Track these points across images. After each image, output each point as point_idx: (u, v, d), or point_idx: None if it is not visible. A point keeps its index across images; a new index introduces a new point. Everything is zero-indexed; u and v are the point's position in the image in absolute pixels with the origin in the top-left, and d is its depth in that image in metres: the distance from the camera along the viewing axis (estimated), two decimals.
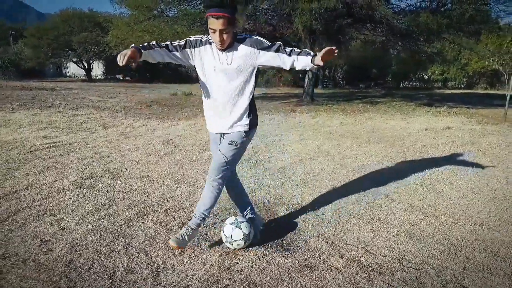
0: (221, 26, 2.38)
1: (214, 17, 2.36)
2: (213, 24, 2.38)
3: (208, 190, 2.79)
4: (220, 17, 2.35)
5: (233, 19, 2.44)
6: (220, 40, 2.44)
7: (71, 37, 33.41)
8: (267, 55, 2.57)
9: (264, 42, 2.59)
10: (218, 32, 2.40)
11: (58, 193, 3.93)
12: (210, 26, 2.41)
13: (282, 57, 2.57)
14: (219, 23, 2.37)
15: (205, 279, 2.43)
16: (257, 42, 2.57)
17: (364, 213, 3.63)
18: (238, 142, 2.72)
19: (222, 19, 2.36)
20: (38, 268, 2.47)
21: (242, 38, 2.60)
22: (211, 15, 2.37)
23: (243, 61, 2.58)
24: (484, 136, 7.99)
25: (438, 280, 2.49)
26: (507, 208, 3.84)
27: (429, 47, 17.97)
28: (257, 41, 2.59)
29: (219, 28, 2.39)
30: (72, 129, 7.66)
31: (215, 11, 2.35)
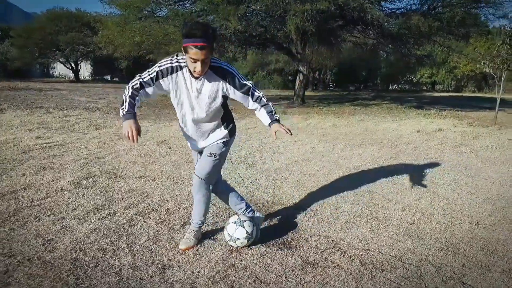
0: (203, 56, 2.25)
1: (197, 47, 2.21)
2: (195, 54, 2.24)
3: (198, 201, 2.87)
4: (204, 47, 2.22)
5: (213, 48, 2.33)
6: (202, 70, 2.33)
7: (58, 37, 33.00)
8: (236, 93, 2.53)
9: (237, 77, 2.49)
10: (199, 63, 2.28)
11: (56, 193, 3.91)
12: (192, 56, 2.26)
13: (248, 100, 2.57)
14: (202, 54, 2.24)
15: (211, 276, 2.46)
16: (230, 77, 2.49)
17: (362, 213, 3.69)
18: (217, 154, 2.75)
19: (205, 50, 2.23)
20: (44, 266, 2.47)
21: (216, 66, 2.46)
22: (193, 45, 2.21)
23: (214, 90, 2.50)
24: (476, 138, 8.14)
25: (438, 276, 2.55)
26: (502, 208, 3.93)
27: (418, 49, 18.20)
28: (230, 74, 2.49)
29: (201, 58, 2.26)
30: (65, 130, 7.61)
31: (197, 41, 2.21)
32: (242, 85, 2.50)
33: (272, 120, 2.52)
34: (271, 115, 2.54)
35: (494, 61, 9.99)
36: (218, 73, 2.46)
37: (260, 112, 2.59)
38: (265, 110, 2.56)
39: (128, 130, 2.31)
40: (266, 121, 2.56)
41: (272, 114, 2.55)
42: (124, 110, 2.43)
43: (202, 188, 2.80)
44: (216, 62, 2.47)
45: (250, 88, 2.52)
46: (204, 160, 2.75)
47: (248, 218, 2.93)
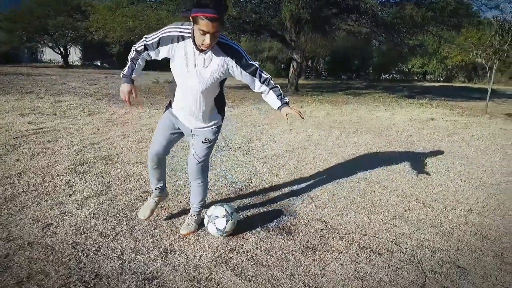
0: (214, 29, 2.11)
1: (208, 18, 2.06)
2: (206, 26, 2.09)
3: (196, 186, 2.86)
4: (215, 19, 2.07)
5: (223, 20, 2.20)
6: (211, 43, 2.19)
7: (47, 21, 32.37)
8: (242, 73, 2.42)
9: (244, 57, 2.39)
10: (209, 36, 2.13)
11: (52, 178, 3.88)
12: (201, 28, 2.11)
13: (254, 81, 2.48)
14: (212, 26, 2.09)
15: (213, 259, 2.48)
16: (237, 55, 2.37)
17: (359, 199, 3.73)
18: (212, 139, 2.74)
19: (216, 22, 2.09)
20: (46, 250, 2.46)
21: (223, 42, 2.34)
22: (204, 15, 2.06)
23: (218, 67, 2.38)
24: (467, 127, 8.23)
25: (434, 260, 2.62)
26: (494, 194, 4.02)
27: (411, 39, 18.25)
28: (238, 53, 2.37)
29: (212, 31, 2.12)
30: (57, 115, 7.51)
31: (209, 11, 2.05)
32: (249, 65, 2.40)
33: (282, 104, 2.47)
34: (281, 98, 2.49)
35: (486, 51, 10.05)
36: (226, 50, 2.34)
37: (268, 95, 2.52)
38: (274, 93, 2.50)
39: (122, 94, 2.51)
40: (275, 104, 2.51)
41: (282, 97, 2.49)
42: (123, 73, 2.54)
43: (199, 173, 2.79)
44: (223, 38, 2.34)
45: (257, 69, 2.43)
46: (200, 146, 2.72)
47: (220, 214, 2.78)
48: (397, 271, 2.47)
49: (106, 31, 17.01)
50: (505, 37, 9.78)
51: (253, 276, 2.34)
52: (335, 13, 16.41)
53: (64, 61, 36.27)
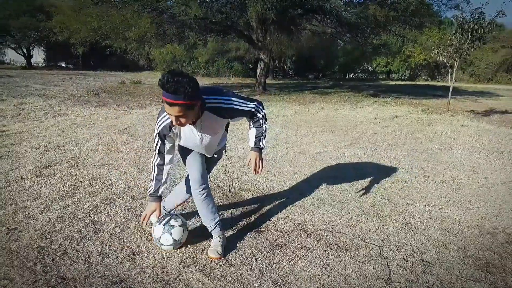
0: (176, 113, 2.05)
1: (168, 103, 2.01)
2: (168, 109, 2.06)
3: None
4: (174, 104, 2.00)
5: (191, 104, 2.07)
6: (177, 124, 2.14)
7: (9, 21, 31.29)
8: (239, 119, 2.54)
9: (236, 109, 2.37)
10: (173, 118, 2.10)
11: (16, 182, 3.79)
12: (166, 110, 2.10)
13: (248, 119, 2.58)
14: (173, 110, 2.04)
15: (182, 260, 2.50)
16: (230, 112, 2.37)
17: (326, 196, 3.82)
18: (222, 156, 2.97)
19: (176, 106, 2.01)
20: (10, 255, 2.42)
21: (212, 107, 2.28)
22: (164, 99, 2.02)
23: (216, 127, 2.46)
24: (430, 124, 8.51)
25: (399, 255, 2.71)
26: (456, 189, 4.18)
27: (375, 39, 18.64)
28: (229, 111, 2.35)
29: (174, 115, 2.07)
30: (20, 118, 7.31)
31: (168, 96, 1.98)
32: (244, 112, 2.43)
33: (254, 146, 2.55)
34: (258, 140, 2.55)
35: (447, 50, 10.40)
36: (216, 112, 2.31)
37: (250, 131, 2.59)
38: (254, 132, 2.56)
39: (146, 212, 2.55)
40: (250, 143, 2.59)
41: (259, 139, 2.54)
42: (151, 191, 2.53)
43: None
44: (212, 101, 2.28)
45: (252, 114, 2.49)
46: (213, 164, 2.93)
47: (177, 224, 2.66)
48: (364, 266, 2.55)
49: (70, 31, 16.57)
50: (465, 36, 10.14)
51: (222, 275, 2.37)
52: (300, 13, 16.58)
53: (27, 62, 35.11)
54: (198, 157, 2.64)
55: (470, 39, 10.07)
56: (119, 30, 14.87)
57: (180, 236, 2.61)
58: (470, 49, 10.28)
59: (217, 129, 2.50)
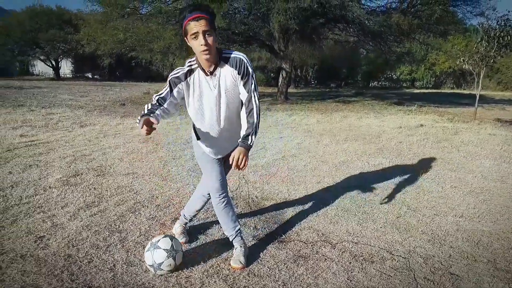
0: (204, 27, 2.09)
1: (194, 19, 2.09)
2: (194, 27, 2.09)
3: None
4: (200, 18, 2.09)
5: (213, 22, 2.16)
6: (205, 43, 2.12)
7: (39, 34, 32.41)
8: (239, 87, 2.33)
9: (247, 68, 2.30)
10: (201, 35, 2.11)
11: (44, 190, 3.89)
12: (191, 32, 2.11)
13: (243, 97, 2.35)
14: (200, 24, 2.09)
15: (205, 270, 2.50)
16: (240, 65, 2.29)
17: (350, 207, 3.77)
18: None
19: (203, 20, 2.09)
20: (38, 263, 2.47)
21: (228, 56, 2.30)
22: (189, 19, 2.10)
23: (231, 81, 2.31)
24: (457, 133, 8.34)
25: (426, 267, 2.64)
26: (484, 200, 4.06)
27: (398, 47, 18.46)
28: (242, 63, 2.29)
29: (201, 30, 2.09)
30: (49, 128, 7.52)
31: (193, 13, 2.09)
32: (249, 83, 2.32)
33: (242, 142, 2.29)
34: (247, 135, 2.30)
35: (473, 58, 10.22)
36: (231, 62, 2.28)
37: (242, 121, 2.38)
38: (245, 125, 2.33)
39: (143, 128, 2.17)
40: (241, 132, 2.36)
41: (249, 134, 2.30)
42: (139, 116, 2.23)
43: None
44: (229, 52, 2.31)
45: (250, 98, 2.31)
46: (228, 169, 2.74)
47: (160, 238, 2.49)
48: (390, 279, 2.49)
49: (97, 43, 17.03)
50: (491, 44, 9.95)
51: (245, 286, 2.36)
52: (323, 23, 16.59)
53: (56, 73, 36.23)
54: (216, 165, 2.59)
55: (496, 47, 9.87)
56: (145, 42, 15.20)
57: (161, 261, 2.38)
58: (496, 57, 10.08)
59: (232, 86, 2.33)
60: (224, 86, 2.31)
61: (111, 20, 14.90)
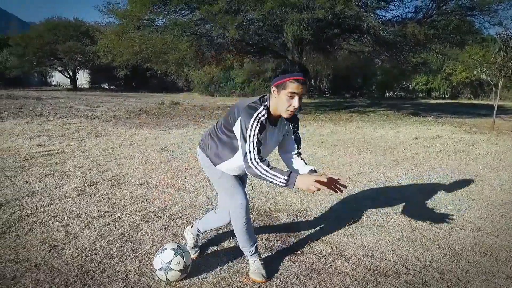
0: (303, 92, 2.19)
1: (300, 81, 2.15)
2: (297, 88, 2.16)
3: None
4: (305, 82, 2.18)
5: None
6: (299, 106, 2.23)
7: (57, 46, 33.17)
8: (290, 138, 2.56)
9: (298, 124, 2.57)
10: (297, 98, 2.19)
11: (60, 200, 3.93)
12: (292, 91, 2.16)
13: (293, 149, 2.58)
14: (303, 88, 2.17)
15: (217, 282, 2.48)
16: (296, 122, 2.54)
17: (365, 219, 3.72)
18: None
19: (306, 85, 2.19)
20: (52, 272, 2.49)
21: None
22: (296, 79, 2.15)
23: (280, 134, 2.49)
24: (474, 144, 8.21)
25: (443, 282, 2.58)
26: (503, 214, 3.97)
27: (414, 57, 18.34)
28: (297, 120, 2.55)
29: (301, 93, 2.19)
30: (65, 138, 7.62)
31: (301, 75, 2.16)
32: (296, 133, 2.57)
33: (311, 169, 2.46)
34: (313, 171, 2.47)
35: (491, 68, 10.09)
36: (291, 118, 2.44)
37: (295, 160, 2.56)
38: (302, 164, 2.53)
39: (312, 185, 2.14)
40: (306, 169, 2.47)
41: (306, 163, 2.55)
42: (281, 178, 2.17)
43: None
44: None
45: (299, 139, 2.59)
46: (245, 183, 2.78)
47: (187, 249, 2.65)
48: None
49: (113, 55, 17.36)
50: (510, 54, 9.82)
51: None
52: (337, 33, 16.60)
53: (73, 84, 36.94)
54: (238, 182, 2.58)
55: None
56: (160, 53, 15.44)
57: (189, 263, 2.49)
58: None
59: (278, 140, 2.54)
60: (277, 135, 2.47)
61: (127, 32, 15.18)
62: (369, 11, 13.78)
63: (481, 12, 14.28)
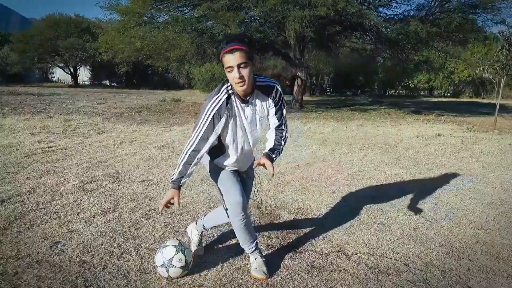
0: (238, 60, 2.10)
1: (230, 52, 2.10)
2: (231, 61, 2.11)
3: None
4: (235, 50, 2.10)
5: (250, 54, 2.15)
6: (240, 76, 2.12)
7: (58, 42, 33.17)
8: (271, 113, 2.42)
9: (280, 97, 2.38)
10: (235, 69, 2.11)
11: (61, 196, 3.93)
12: (227, 65, 2.13)
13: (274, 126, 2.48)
14: (235, 58, 2.10)
15: (218, 279, 2.48)
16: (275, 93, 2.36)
17: (366, 217, 3.71)
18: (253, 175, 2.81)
19: (237, 52, 2.10)
20: (53, 269, 2.49)
21: (262, 84, 2.33)
22: (226, 52, 2.12)
23: (264, 110, 2.38)
24: (476, 143, 8.20)
25: (444, 281, 2.58)
26: (505, 212, 3.96)
27: (416, 55, 18.30)
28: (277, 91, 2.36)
29: (236, 63, 2.10)
30: (66, 134, 7.63)
31: (229, 46, 2.11)
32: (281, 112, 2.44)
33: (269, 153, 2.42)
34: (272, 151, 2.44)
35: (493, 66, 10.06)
36: (266, 91, 2.33)
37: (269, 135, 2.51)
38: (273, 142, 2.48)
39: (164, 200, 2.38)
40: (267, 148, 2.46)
41: (274, 152, 2.44)
42: (173, 178, 2.40)
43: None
44: (263, 80, 2.34)
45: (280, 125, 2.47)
46: (249, 183, 2.75)
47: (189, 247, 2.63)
48: None
49: (114, 51, 17.35)
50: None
51: None
52: (339, 30, 16.56)
53: (74, 80, 36.97)
54: (235, 179, 2.53)
55: None
56: (161, 50, 15.41)
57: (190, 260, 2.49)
58: None
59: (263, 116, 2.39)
60: (259, 113, 2.37)
61: (128, 29, 15.15)
62: (371, 9, 13.78)
63: (484, 10, 14.23)
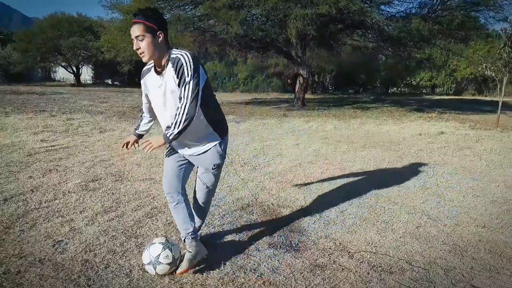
0: (136, 33, 2.17)
1: (133, 25, 2.20)
2: (131, 33, 2.21)
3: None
4: (135, 23, 2.19)
5: (151, 27, 2.18)
6: (137, 48, 2.21)
7: (60, 41, 33.23)
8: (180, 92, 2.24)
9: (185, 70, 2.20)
10: (135, 41, 2.20)
11: (64, 195, 3.94)
12: (132, 37, 2.22)
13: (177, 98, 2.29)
14: (133, 30, 2.19)
15: (220, 277, 2.48)
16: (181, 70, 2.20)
17: (369, 216, 3.70)
18: (220, 163, 2.61)
19: (135, 25, 2.18)
20: (56, 267, 2.49)
21: (173, 56, 2.25)
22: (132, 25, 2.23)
23: (174, 83, 2.26)
24: (479, 141, 8.17)
25: (447, 279, 2.57)
26: (508, 210, 3.95)
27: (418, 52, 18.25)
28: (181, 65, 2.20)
29: (134, 35, 2.19)
30: (69, 133, 7.64)
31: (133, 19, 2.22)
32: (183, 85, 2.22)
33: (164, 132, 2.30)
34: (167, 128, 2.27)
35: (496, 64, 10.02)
36: (174, 63, 2.23)
37: None
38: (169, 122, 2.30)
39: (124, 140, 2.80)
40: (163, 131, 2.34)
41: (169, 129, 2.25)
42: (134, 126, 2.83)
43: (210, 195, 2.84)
44: (174, 52, 2.26)
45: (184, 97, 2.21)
46: (211, 174, 2.65)
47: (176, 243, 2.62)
48: None
49: (116, 50, 17.38)
50: None
51: None
52: (341, 28, 16.52)
53: (76, 79, 37.02)
54: (171, 164, 2.64)
55: None
56: None
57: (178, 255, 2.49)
58: None
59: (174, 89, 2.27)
60: (169, 86, 2.28)
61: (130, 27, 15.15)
62: (373, 7, 13.72)
63: (486, 8, 14.19)
